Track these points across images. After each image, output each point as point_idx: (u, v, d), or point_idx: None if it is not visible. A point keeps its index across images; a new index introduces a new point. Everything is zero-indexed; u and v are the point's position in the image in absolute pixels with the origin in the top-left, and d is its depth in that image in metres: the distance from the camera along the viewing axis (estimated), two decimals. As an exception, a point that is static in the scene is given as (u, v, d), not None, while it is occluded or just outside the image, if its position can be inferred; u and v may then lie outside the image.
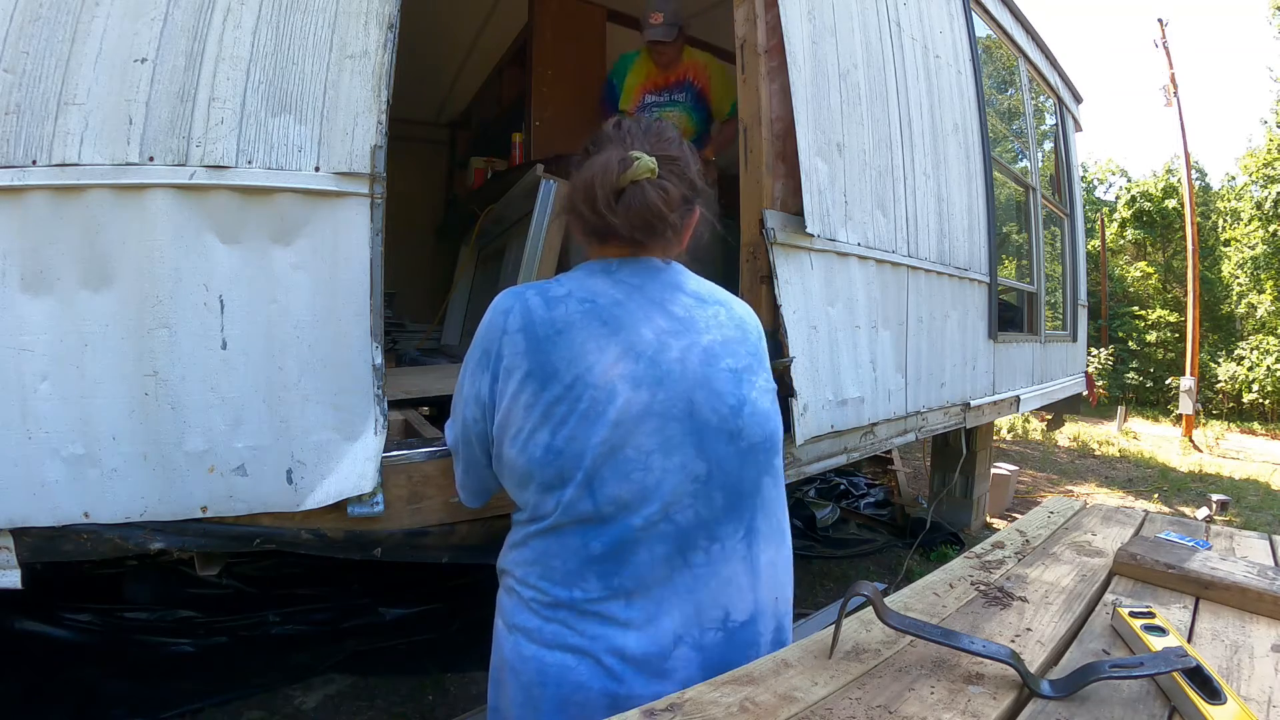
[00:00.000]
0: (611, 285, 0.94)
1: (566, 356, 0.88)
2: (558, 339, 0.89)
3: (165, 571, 2.34)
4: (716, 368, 0.92)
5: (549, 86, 3.88)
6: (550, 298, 0.93)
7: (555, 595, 0.89)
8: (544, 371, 0.88)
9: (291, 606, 2.52)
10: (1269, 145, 16.55)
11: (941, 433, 3.15)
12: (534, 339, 0.90)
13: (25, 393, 1.14)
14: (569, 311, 0.91)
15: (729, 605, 0.90)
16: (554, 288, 0.95)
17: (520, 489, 0.94)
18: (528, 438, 0.89)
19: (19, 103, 1.14)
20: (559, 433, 0.87)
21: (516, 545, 0.96)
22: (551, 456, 0.87)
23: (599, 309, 0.92)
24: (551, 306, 0.92)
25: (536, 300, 0.93)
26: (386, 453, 1.35)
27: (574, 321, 0.90)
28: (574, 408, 0.86)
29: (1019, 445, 9.58)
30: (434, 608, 2.69)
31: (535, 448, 0.88)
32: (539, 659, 0.89)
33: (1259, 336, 17.23)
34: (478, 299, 3.86)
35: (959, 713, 0.65)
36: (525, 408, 0.89)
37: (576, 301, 0.92)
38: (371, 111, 1.33)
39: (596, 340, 0.89)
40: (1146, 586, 0.99)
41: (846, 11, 2.37)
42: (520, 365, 0.90)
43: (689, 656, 0.88)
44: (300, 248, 1.28)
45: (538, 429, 0.88)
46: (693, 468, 0.88)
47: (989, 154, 3.49)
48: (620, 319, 0.91)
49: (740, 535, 0.91)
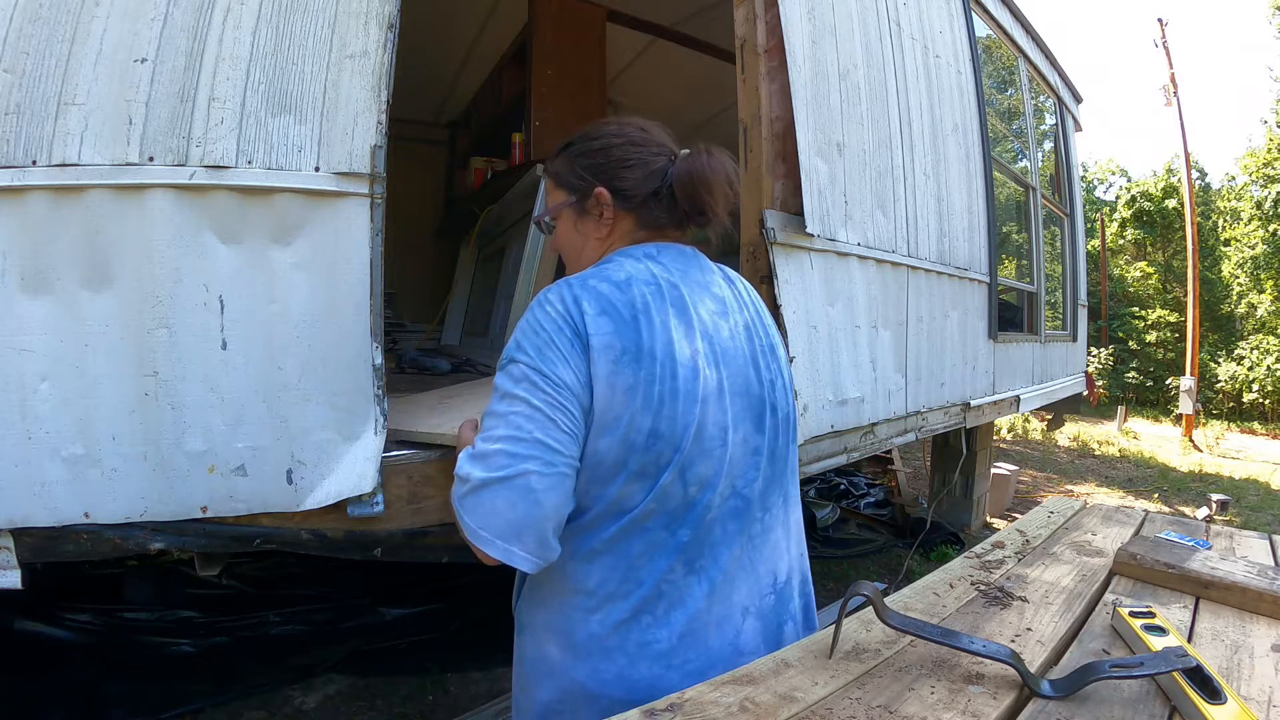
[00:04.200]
0: (661, 269, 0.92)
1: (652, 336, 0.84)
2: (641, 319, 0.85)
3: (165, 571, 2.35)
4: (755, 345, 0.95)
5: (549, 86, 3.88)
6: (615, 281, 0.87)
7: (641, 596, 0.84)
8: (638, 351, 0.83)
9: (291, 606, 2.52)
10: (1269, 145, 16.56)
11: (941, 433, 3.15)
12: (619, 320, 0.84)
13: (25, 393, 1.14)
14: (641, 293, 0.87)
15: (776, 568, 0.94)
16: (611, 273, 0.89)
17: (604, 484, 0.84)
18: (629, 424, 0.82)
19: (19, 103, 1.14)
20: (659, 415, 0.83)
21: (585, 557, 0.86)
22: (652, 441, 0.83)
23: (663, 290, 0.89)
24: (621, 289, 0.86)
25: (603, 285, 0.86)
26: (386, 453, 1.35)
27: (650, 301, 0.86)
28: (669, 387, 0.83)
29: (1019, 445, 9.58)
30: (434, 608, 2.69)
31: (637, 434, 0.82)
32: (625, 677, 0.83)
33: (1259, 336, 17.23)
34: (478, 299, 3.86)
35: (959, 713, 0.65)
36: (626, 391, 0.82)
37: (641, 283, 0.88)
38: (371, 111, 1.33)
39: (673, 319, 0.87)
40: (1146, 586, 0.99)
41: (846, 11, 2.37)
42: (614, 345, 0.82)
43: (754, 627, 0.90)
44: (300, 248, 1.28)
45: (640, 413, 0.82)
46: (752, 441, 0.91)
47: (989, 154, 3.48)
48: (681, 300, 0.90)
49: (781, 501, 0.96)
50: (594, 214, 0.97)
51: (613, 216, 0.96)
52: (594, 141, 0.98)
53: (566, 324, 0.83)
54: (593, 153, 0.97)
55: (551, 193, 1.03)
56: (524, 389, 0.80)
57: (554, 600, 0.89)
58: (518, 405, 0.80)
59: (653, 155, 0.96)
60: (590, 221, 0.98)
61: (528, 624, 0.94)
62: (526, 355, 0.82)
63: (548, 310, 0.85)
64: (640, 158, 0.95)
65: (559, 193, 1.01)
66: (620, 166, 0.95)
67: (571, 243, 1.02)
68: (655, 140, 0.97)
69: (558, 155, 1.02)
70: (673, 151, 0.97)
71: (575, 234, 1.00)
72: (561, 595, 0.88)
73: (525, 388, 0.80)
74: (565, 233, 1.02)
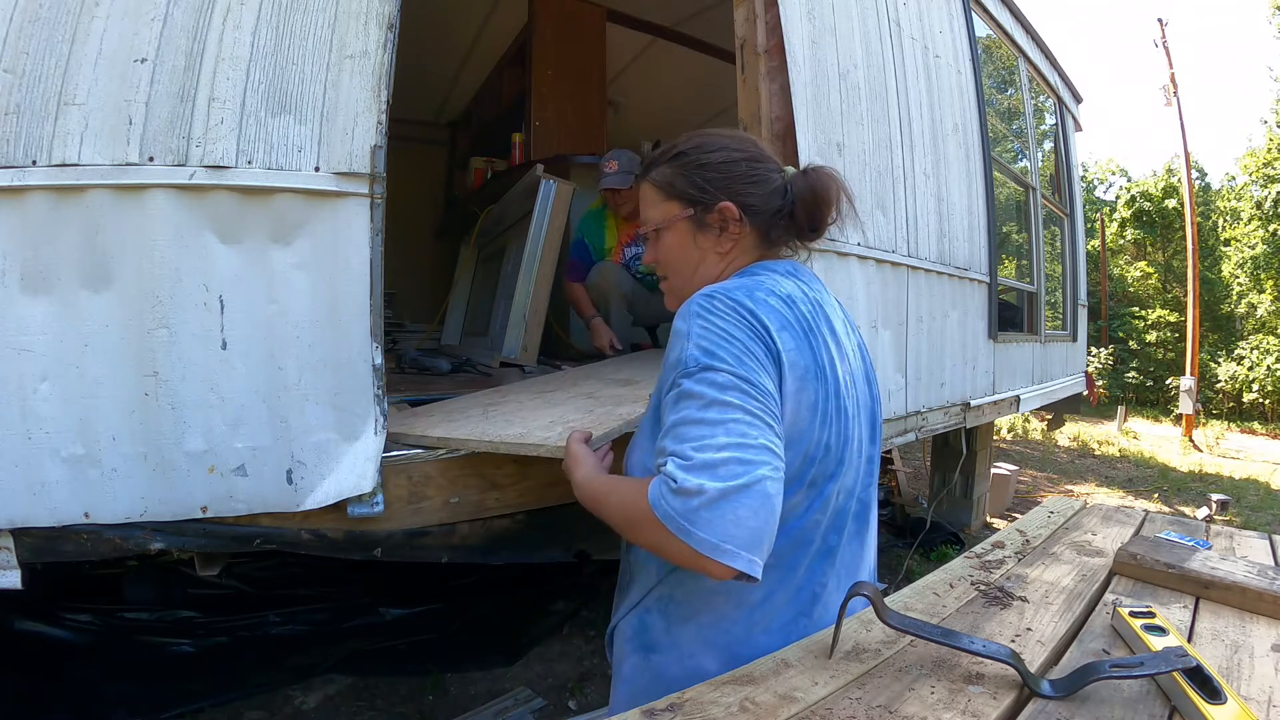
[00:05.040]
0: (805, 287, 0.94)
1: (822, 354, 0.87)
2: (811, 337, 0.87)
3: (165, 571, 2.34)
4: (865, 362, 1.00)
5: (549, 86, 3.88)
6: (781, 297, 0.88)
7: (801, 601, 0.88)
8: (817, 369, 0.85)
9: (291, 606, 2.52)
10: (1269, 145, 16.55)
11: (941, 432, 3.15)
12: (797, 337, 0.85)
13: (25, 393, 1.14)
14: (805, 310, 0.89)
15: (873, 563, 1.01)
16: (772, 287, 0.89)
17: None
18: (810, 438, 0.84)
19: (19, 103, 1.15)
20: (831, 430, 0.86)
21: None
22: (824, 454, 0.86)
23: (814, 308, 0.91)
24: (789, 306, 0.87)
25: (772, 299, 0.86)
26: (386, 453, 1.35)
27: (811, 320, 0.88)
28: (836, 405, 0.87)
29: (1019, 445, 9.58)
30: (434, 608, 2.69)
31: (816, 448, 0.85)
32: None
33: (1259, 336, 17.23)
34: (478, 299, 3.86)
35: (959, 713, 0.65)
36: (809, 408, 0.84)
37: (800, 301, 0.90)
38: (371, 111, 1.33)
39: (826, 337, 0.90)
40: (1146, 586, 0.99)
41: (846, 12, 2.37)
42: (798, 362, 0.83)
43: None
44: (300, 248, 1.28)
45: (819, 428, 0.85)
46: (867, 450, 0.96)
47: (989, 154, 3.48)
48: (827, 319, 0.93)
49: (873, 504, 1.00)
50: (715, 227, 0.95)
51: (738, 232, 0.95)
52: (713, 154, 0.95)
53: (756, 336, 0.81)
54: (714, 165, 0.95)
55: (657, 203, 0.99)
56: (735, 396, 0.76)
57: (706, 616, 0.88)
58: (733, 412, 0.75)
59: (771, 172, 0.96)
60: (710, 235, 0.96)
61: (667, 643, 0.91)
62: (725, 363, 0.78)
63: (731, 319, 0.82)
64: (762, 174, 0.95)
65: (670, 203, 0.97)
66: (746, 181, 0.94)
67: (686, 256, 0.98)
68: (769, 156, 0.98)
69: (663, 163, 0.99)
70: (780, 167, 0.97)
71: (692, 247, 0.97)
72: (720, 610, 0.88)
73: (737, 395, 0.76)
74: (678, 244, 0.98)
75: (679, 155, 0.97)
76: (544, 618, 2.90)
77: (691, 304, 0.85)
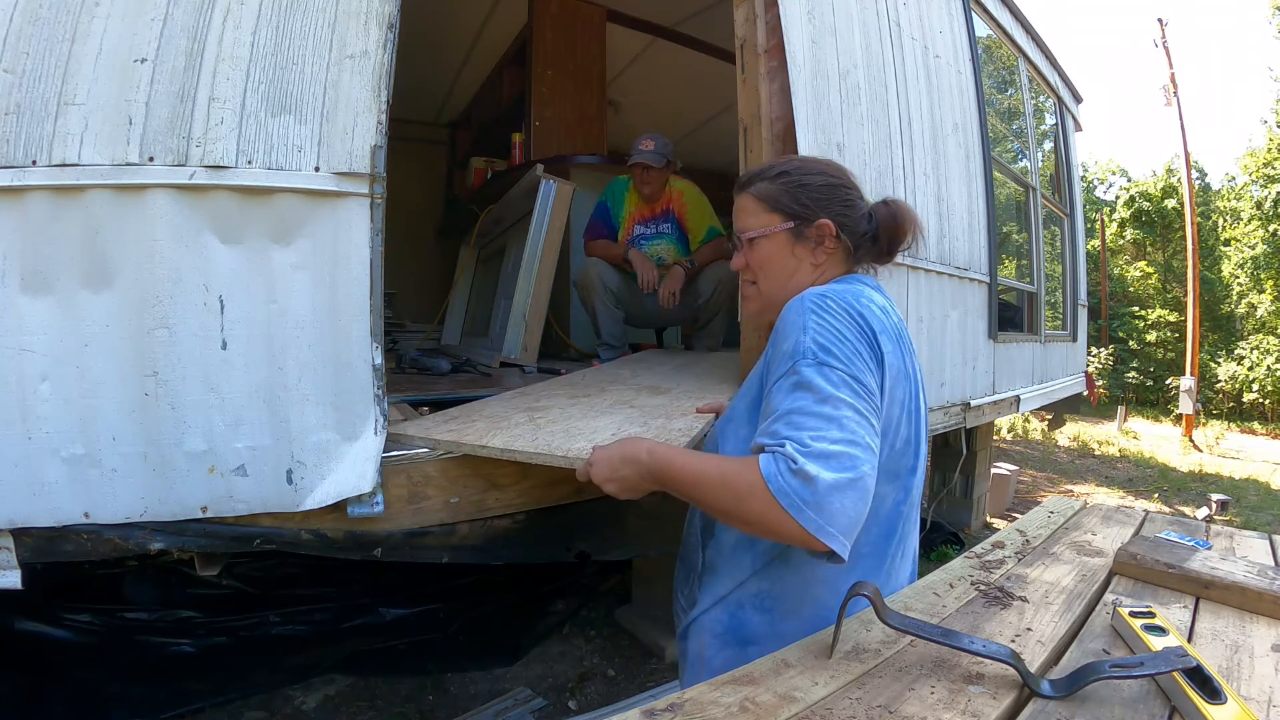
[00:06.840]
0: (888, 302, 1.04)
1: (909, 359, 0.98)
2: (901, 343, 0.97)
3: (165, 571, 2.34)
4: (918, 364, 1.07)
5: (549, 86, 3.89)
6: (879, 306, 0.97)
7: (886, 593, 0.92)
8: (907, 373, 0.96)
9: (291, 606, 2.52)
10: (1269, 145, 16.54)
11: (941, 433, 3.15)
12: (894, 342, 0.94)
13: (25, 393, 1.14)
14: (896, 321, 0.99)
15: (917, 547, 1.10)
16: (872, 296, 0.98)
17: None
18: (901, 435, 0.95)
19: (19, 103, 1.15)
20: (913, 426, 0.96)
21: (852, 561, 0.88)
22: (906, 448, 0.96)
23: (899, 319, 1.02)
24: (885, 315, 0.96)
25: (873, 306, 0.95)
26: (386, 453, 1.35)
27: (899, 330, 0.98)
28: (916, 405, 0.97)
29: (1019, 445, 9.58)
30: (434, 608, 2.69)
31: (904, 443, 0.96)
32: None
33: (1259, 336, 17.22)
34: (478, 299, 3.86)
35: (959, 713, 0.65)
36: (900, 404, 0.94)
37: (892, 311, 1.00)
38: (371, 111, 1.33)
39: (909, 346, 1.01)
40: (1146, 586, 0.99)
41: (846, 12, 2.37)
42: (895, 365, 0.92)
43: None
44: (300, 248, 1.28)
45: (906, 424, 0.95)
46: (923, 448, 1.03)
47: (989, 154, 3.48)
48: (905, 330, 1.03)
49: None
50: (812, 241, 1.04)
51: (833, 247, 1.05)
52: (814, 176, 1.06)
53: (864, 338, 0.89)
54: (816, 186, 1.05)
55: (758, 213, 1.08)
56: (847, 393, 0.83)
57: (808, 609, 0.95)
58: (844, 409, 0.82)
59: (859, 199, 1.08)
60: (806, 246, 1.05)
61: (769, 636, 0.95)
62: (839, 361, 0.85)
63: (843, 319, 0.89)
64: (854, 199, 1.07)
65: (772, 215, 1.06)
66: (843, 204, 1.05)
67: (782, 264, 1.07)
68: (857, 184, 1.10)
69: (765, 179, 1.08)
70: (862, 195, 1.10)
71: (789, 256, 1.06)
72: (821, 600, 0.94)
73: (848, 392, 0.83)
74: (775, 253, 1.07)
75: (782, 174, 1.07)
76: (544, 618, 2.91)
77: (805, 300, 0.92)
